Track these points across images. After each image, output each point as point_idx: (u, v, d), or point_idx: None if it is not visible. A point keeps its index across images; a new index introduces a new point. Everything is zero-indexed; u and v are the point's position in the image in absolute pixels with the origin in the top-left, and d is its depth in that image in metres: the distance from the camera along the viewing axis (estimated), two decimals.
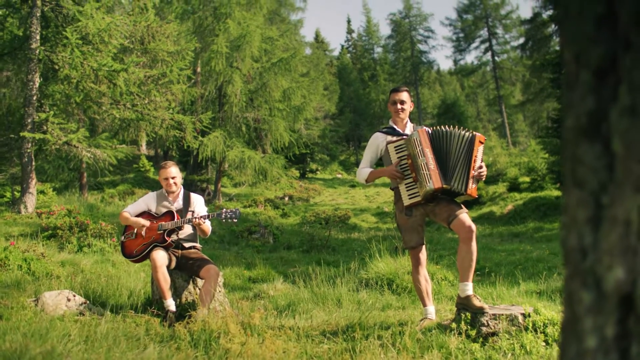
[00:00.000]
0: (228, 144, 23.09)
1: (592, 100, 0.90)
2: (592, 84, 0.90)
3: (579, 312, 0.92)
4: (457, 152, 4.54)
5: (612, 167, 0.87)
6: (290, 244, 12.63)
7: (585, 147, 0.91)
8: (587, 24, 0.90)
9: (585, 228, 0.91)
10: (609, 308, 0.85)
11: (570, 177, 0.95)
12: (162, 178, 5.38)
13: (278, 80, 24.57)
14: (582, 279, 0.91)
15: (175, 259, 5.24)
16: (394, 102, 4.92)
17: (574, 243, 0.93)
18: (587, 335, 0.89)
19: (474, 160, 4.52)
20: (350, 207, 29.57)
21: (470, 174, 4.50)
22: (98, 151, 13.19)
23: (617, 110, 0.86)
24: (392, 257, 7.80)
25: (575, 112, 0.94)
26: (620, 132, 0.85)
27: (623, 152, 0.84)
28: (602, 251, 0.87)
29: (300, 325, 4.83)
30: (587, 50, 0.91)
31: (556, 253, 10.41)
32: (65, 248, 9.19)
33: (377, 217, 27.09)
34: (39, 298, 4.90)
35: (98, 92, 13.53)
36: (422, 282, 4.79)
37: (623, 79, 0.85)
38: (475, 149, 4.53)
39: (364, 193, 36.92)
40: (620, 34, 0.86)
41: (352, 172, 47.45)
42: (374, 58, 62.14)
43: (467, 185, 4.50)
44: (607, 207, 0.87)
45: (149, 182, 30.79)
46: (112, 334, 4.04)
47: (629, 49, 0.85)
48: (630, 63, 0.84)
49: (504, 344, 4.07)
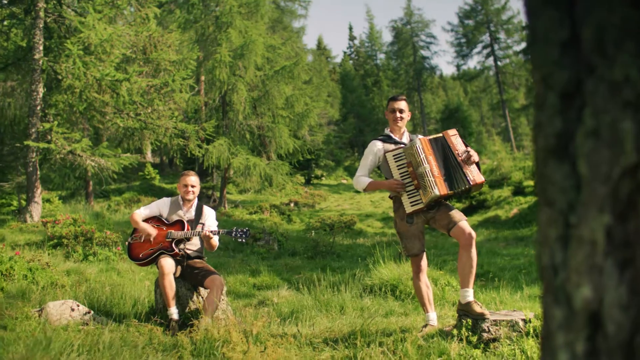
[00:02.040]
0: (233, 152, 23.15)
1: (559, 121, 0.93)
2: (558, 106, 0.93)
3: (552, 327, 0.94)
4: (446, 155, 4.60)
5: (579, 187, 0.89)
6: (295, 250, 12.64)
7: (554, 167, 0.94)
8: (553, 48, 0.94)
9: (556, 246, 0.94)
10: (579, 325, 0.88)
11: (542, 196, 0.98)
12: (182, 185, 5.42)
13: (281, 87, 24.61)
14: (554, 296, 0.94)
15: (181, 267, 5.27)
16: (392, 110, 4.95)
17: (546, 260, 0.96)
18: (559, 351, 0.92)
19: (456, 153, 4.57)
20: (355, 213, 29.56)
21: (462, 166, 4.54)
22: (102, 160, 13.26)
23: (582, 132, 0.89)
24: (396, 263, 7.82)
25: (544, 133, 0.96)
26: (585, 154, 0.88)
27: (588, 174, 0.87)
28: (570, 269, 0.90)
29: (302, 333, 4.86)
30: (553, 74, 0.94)
31: None
32: (70, 257, 9.25)
33: (382, 222, 27.12)
34: (43, 308, 4.94)
35: (101, 102, 13.61)
36: (424, 289, 4.82)
37: (587, 102, 0.88)
38: (450, 143, 4.61)
39: (369, 198, 36.90)
40: (583, 58, 0.89)
41: None
42: (376, 64, 62.18)
43: (468, 179, 4.53)
44: (575, 227, 0.90)
45: (154, 189, 30.88)
46: (114, 344, 4.07)
47: (592, 73, 0.88)
48: (593, 87, 0.87)
49: (505, 349, 4.08)
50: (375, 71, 59.90)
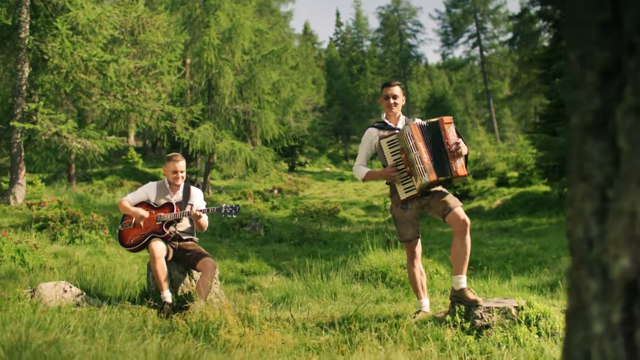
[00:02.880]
0: (218, 136, 23.04)
1: (597, 99, 0.96)
2: (597, 84, 0.96)
3: (585, 299, 0.97)
4: (435, 140, 4.62)
5: (617, 162, 0.92)
6: (281, 236, 12.67)
7: (591, 143, 0.96)
8: (592, 28, 0.96)
9: (592, 220, 0.96)
10: (615, 295, 0.91)
11: (577, 172, 1.00)
12: (171, 171, 5.36)
13: (268, 72, 24.52)
14: (588, 269, 0.97)
15: (173, 250, 5.26)
16: (386, 96, 4.94)
17: (580, 234, 0.99)
18: (594, 322, 0.95)
19: (447, 143, 4.58)
20: (339, 201, 29.64)
21: (449, 156, 4.57)
22: (88, 142, 13.14)
23: (622, 109, 0.91)
24: (385, 250, 7.86)
25: (581, 111, 0.99)
26: (625, 130, 0.91)
27: (628, 149, 0.90)
28: (608, 242, 0.93)
29: (296, 317, 4.89)
30: (592, 53, 0.96)
31: (546, 248, 10.54)
32: (57, 240, 9.19)
33: (366, 210, 27.20)
34: (35, 289, 4.92)
35: (88, 83, 13.47)
36: (417, 275, 4.86)
37: (628, 80, 0.91)
38: (443, 130, 4.61)
39: (352, 186, 37.00)
40: (624, 39, 0.92)
41: (340, 166, 47.50)
42: (362, 51, 62.11)
43: (452, 168, 4.56)
44: (613, 200, 0.92)
45: (137, 174, 30.68)
46: (111, 325, 4.07)
47: (633, 52, 0.90)
48: (635, 66, 0.90)
49: (497, 336, 4.14)
50: (361, 58, 59.85)
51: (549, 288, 7.00)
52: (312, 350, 3.98)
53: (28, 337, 2.95)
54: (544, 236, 13.22)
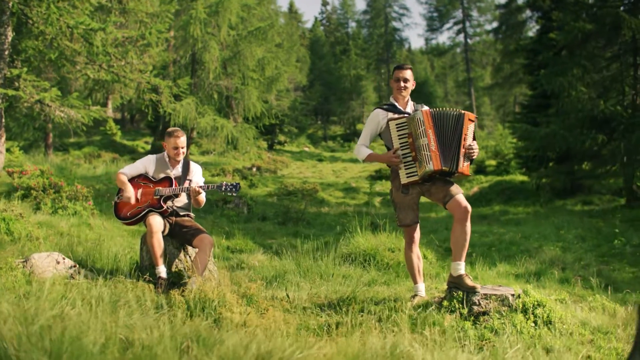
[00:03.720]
0: (200, 111, 22.76)
1: None
2: None
3: None
4: (450, 132, 4.60)
5: None
6: (265, 215, 12.63)
7: None
8: None
9: None
10: None
11: None
12: (172, 146, 5.22)
13: (253, 49, 24.24)
14: None
15: (169, 225, 5.19)
16: (397, 79, 4.91)
17: None
18: None
19: (464, 138, 4.58)
20: (318, 181, 29.66)
21: (461, 152, 4.57)
22: (71, 111, 12.87)
23: None
24: (373, 233, 7.85)
25: None
26: None
27: None
28: None
29: (291, 297, 4.88)
30: None
31: (527, 237, 10.66)
32: (40, 209, 9.02)
33: (344, 192, 27.28)
34: (27, 259, 4.83)
35: (73, 51, 13.15)
36: (415, 260, 4.88)
37: None
38: (464, 127, 4.59)
39: (331, 168, 37.05)
40: None
41: (319, 146, 47.47)
42: (347, 32, 61.82)
43: (458, 164, 4.56)
44: None
45: (115, 145, 30.30)
46: (106, 300, 4.01)
47: None
48: None
49: (495, 323, 4.18)
50: (345, 39, 59.52)
51: (536, 277, 7.09)
52: (315, 331, 3.98)
53: (37, 310, 2.89)
54: (523, 225, 13.37)
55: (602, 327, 4.46)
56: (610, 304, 5.34)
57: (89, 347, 2.41)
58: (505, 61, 35.21)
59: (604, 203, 17.85)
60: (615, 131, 16.85)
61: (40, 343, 2.39)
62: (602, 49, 18.26)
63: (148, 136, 35.11)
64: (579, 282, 6.90)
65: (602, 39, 17.71)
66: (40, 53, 13.25)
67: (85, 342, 2.48)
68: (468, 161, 4.64)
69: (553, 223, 12.42)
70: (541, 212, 16.67)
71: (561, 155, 19.64)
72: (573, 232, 10.96)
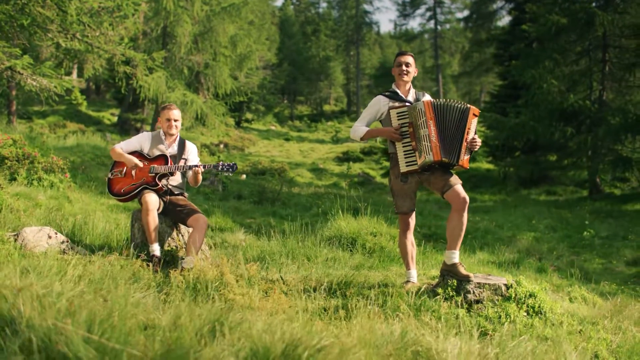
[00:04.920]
0: (170, 86, 22.49)
1: None
2: None
3: None
4: (453, 124, 4.65)
5: None
6: (240, 194, 12.58)
7: None
8: None
9: None
10: None
11: None
12: (164, 119, 5.20)
13: (226, 25, 24.00)
14: None
15: (163, 204, 5.14)
16: (399, 64, 4.95)
17: None
18: None
19: (467, 132, 4.64)
20: (285, 161, 29.69)
21: (463, 146, 4.62)
22: (44, 80, 12.51)
23: None
24: (354, 217, 7.89)
25: None
26: None
27: None
28: None
29: (285, 280, 4.90)
30: None
31: (501, 225, 10.90)
32: (16, 180, 8.80)
33: (312, 173, 27.35)
34: (18, 233, 4.74)
35: (46, 18, 12.76)
36: (409, 247, 4.95)
37: None
38: (469, 120, 4.64)
39: (298, 147, 37.04)
40: None
41: (286, 125, 47.35)
42: (318, 13, 61.46)
43: (460, 157, 4.63)
44: None
45: (80, 116, 29.66)
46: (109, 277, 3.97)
47: None
48: None
49: (489, 312, 4.29)
50: (316, 20, 59.17)
51: (515, 266, 7.26)
52: (316, 314, 4.01)
53: (22, 283, 2.84)
54: (492, 213, 13.64)
55: (588, 318, 4.61)
56: (590, 295, 5.53)
57: (120, 327, 2.39)
58: (474, 50, 35.56)
59: (568, 194, 18.33)
60: (583, 125, 17.27)
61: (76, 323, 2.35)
62: (573, 43, 18.63)
63: (114, 108, 34.48)
64: (556, 273, 7.10)
65: (574, 34, 18.06)
66: (12, 18, 12.83)
67: (111, 322, 2.46)
68: (469, 154, 4.70)
69: (523, 213, 12.70)
70: (508, 200, 17.04)
71: (528, 145, 20.06)
72: (544, 222, 11.25)
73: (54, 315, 2.38)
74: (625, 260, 8.41)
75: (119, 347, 2.11)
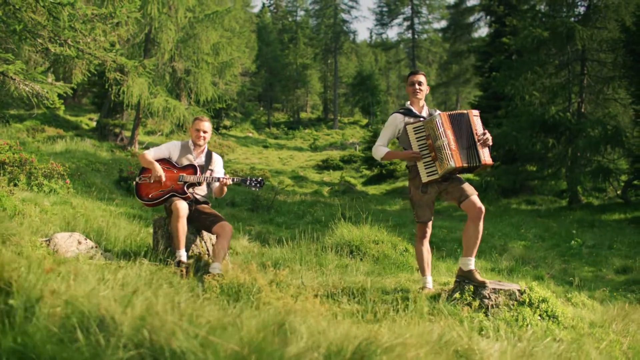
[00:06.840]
0: (152, 91, 22.54)
1: None
2: None
3: None
4: (465, 131, 4.96)
5: None
6: (234, 201, 12.71)
7: None
8: None
9: None
10: None
11: None
12: (194, 129, 5.42)
13: (209, 33, 24.18)
14: None
15: (189, 211, 5.31)
16: (412, 83, 5.21)
17: None
18: None
19: (475, 132, 4.94)
20: (265, 168, 29.83)
21: (478, 146, 4.93)
22: (37, 86, 12.52)
23: None
24: (356, 225, 8.09)
25: None
26: None
27: None
28: None
29: (307, 285, 5.09)
30: None
31: (492, 234, 11.21)
32: (17, 186, 8.84)
33: (293, 180, 27.54)
34: (50, 239, 4.87)
35: (38, 24, 12.77)
36: (425, 253, 5.21)
37: None
38: (471, 122, 4.97)
39: (277, 155, 37.21)
40: None
41: (263, 133, 47.54)
42: (296, 21, 61.75)
43: (480, 158, 4.92)
44: None
45: (59, 120, 29.39)
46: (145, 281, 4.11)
47: None
48: None
49: (506, 315, 4.54)
50: (293, 27, 59.48)
51: (512, 273, 7.55)
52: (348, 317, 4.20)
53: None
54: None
55: (597, 322, 4.90)
56: (589, 301, 5.83)
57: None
58: (453, 61, 36.15)
59: (547, 204, 18.79)
60: (563, 136, 17.77)
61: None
62: (553, 56, 19.17)
63: (92, 113, 34.25)
64: (552, 280, 7.40)
65: (554, 47, 18.58)
66: (4, 23, 12.82)
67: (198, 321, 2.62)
68: (486, 149, 4.98)
69: (511, 222, 13.06)
70: (490, 209, 17.36)
71: (509, 156, 20.53)
72: (532, 232, 11.60)
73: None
74: (615, 268, 8.77)
75: (217, 341, 2.28)
